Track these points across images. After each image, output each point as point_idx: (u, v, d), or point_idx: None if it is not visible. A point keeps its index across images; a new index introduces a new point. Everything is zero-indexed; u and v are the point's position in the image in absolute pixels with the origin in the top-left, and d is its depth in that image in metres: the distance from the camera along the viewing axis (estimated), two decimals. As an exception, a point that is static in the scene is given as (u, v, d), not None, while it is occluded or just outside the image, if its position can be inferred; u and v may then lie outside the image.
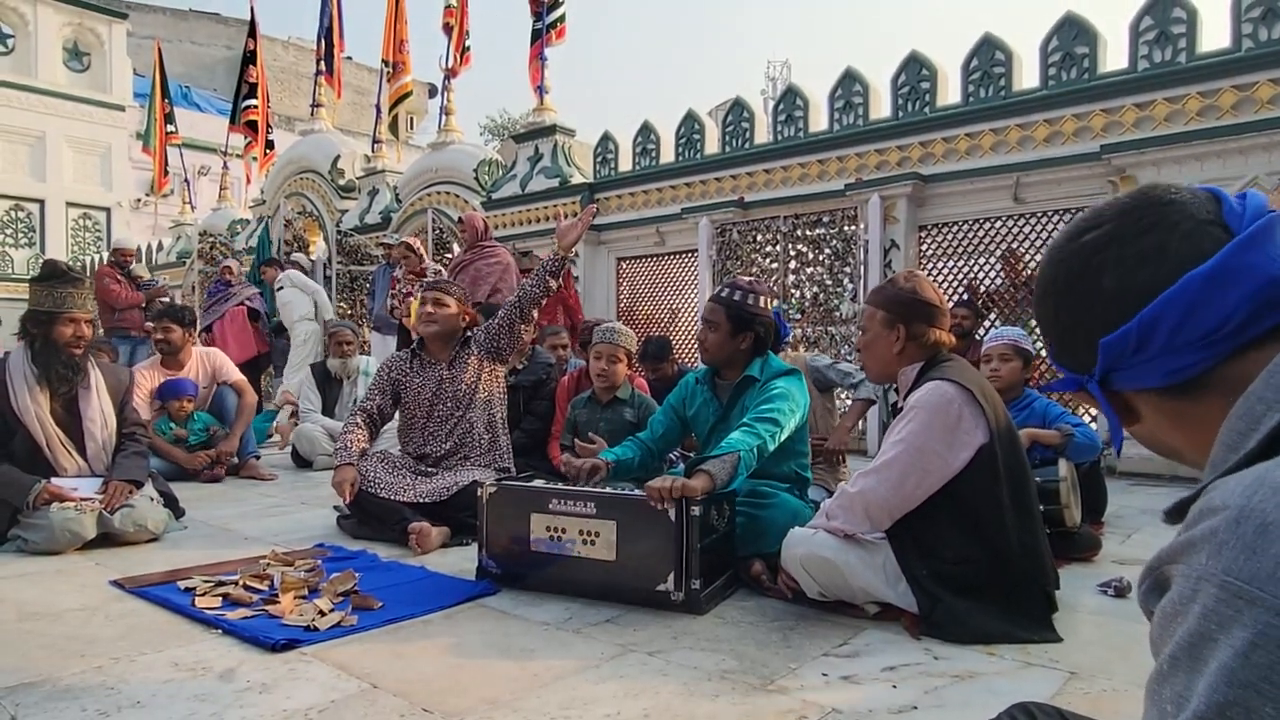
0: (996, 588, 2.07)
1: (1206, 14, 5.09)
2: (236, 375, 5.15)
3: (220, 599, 2.28)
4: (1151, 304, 0.64)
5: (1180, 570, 0.54)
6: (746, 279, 2.85)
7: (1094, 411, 5.37)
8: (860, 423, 3.76)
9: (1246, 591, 0.48)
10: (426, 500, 3.12)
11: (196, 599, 2.28)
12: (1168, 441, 0.71)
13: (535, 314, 3.52)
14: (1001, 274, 5.87)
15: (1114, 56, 5.44)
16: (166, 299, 8.63)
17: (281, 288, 7.93)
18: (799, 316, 6.61)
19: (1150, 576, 0.59)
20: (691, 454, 3.28)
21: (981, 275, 5.99)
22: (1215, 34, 5.03)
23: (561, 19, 8.62)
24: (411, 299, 6.66)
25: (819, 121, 6.83)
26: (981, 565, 2.07)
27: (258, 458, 4.98)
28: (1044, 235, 5.65)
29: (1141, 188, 0.71)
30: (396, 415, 3.58)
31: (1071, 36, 5.53)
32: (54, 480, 3.07)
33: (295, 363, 7.48)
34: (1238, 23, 4.86)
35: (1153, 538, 3.27)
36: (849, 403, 4.04)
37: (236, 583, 2.41)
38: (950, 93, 6.15)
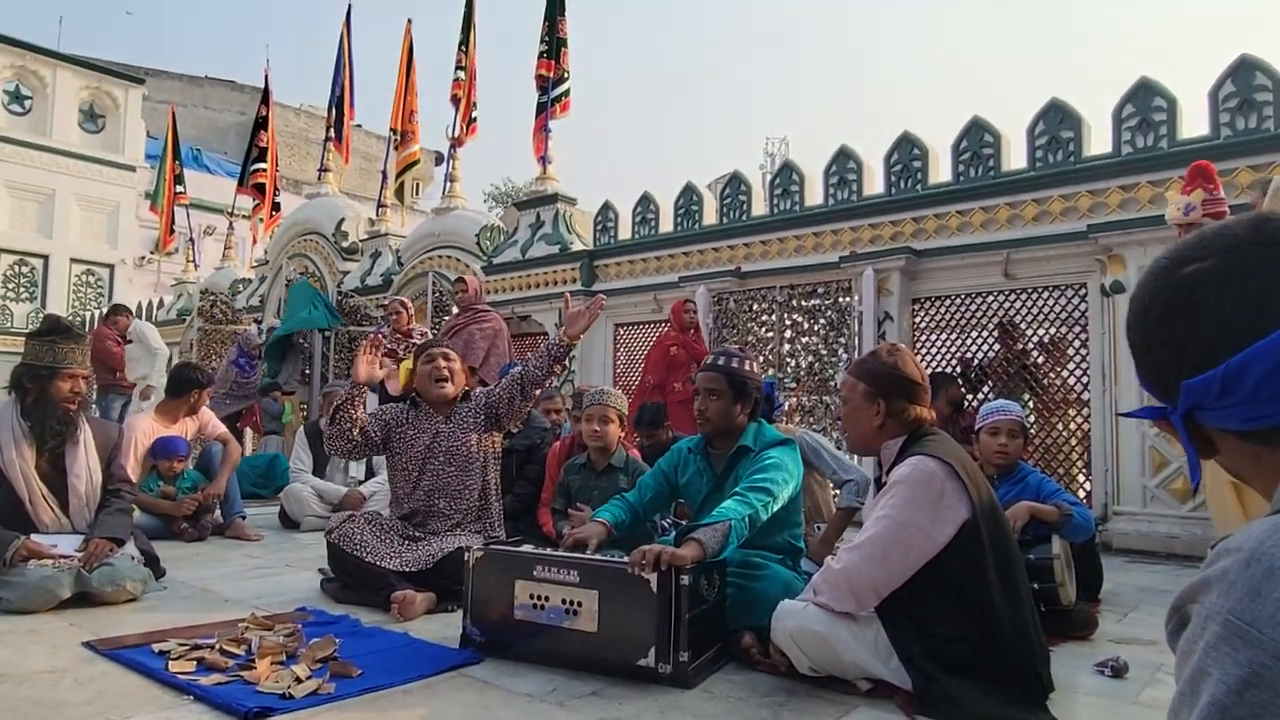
0: (989, 667, 2.03)
1: (1186, 103, 5.28)
2: (221, 429, 5.18)
3: (195, 663, 2.22)
4: (1242, 353, 0.63)
5: (1195, 609, 0.56)
6: (735, 346, 2.88)
7: (1088, 487, 5.34)
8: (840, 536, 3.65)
9: (1246, 632, 0.49)
10: (411, 569, 3.07)
11: (170, 663, 2.22)
12: (1245, 476, 0.70)
13: (536, 393, 3.51)
14: (997, 345, 5.90)
15: (1098, 140, 5.61)
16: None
17: (130, 341, 7.81)
18: (794, 385, 6.63)
19: (1175, 615, 0.61)
20: (683, 522, 3.25)
21: (975, 348, 6.03)
22: (1195, 122, 5.20)
23: (566, 93, 8.89)
24: (396, 356, 6.66)
25: (814, 196, 6.98)
26: (974, 644, 2.04)
27: (243, 517, 4.91)
28: (1035, 309, 5.72)
29: (1256, 217, 0.68)
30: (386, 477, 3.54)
31: (1057, 121, 5.71)
32: (33, 536, 3.02)
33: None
34: (1215, 112, 5.04)
35: (1150, 615, 3.21)
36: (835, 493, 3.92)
37: (213, 646, 2.34)
38: (941, 171, 6.31)
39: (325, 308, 9.51)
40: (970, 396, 5.68)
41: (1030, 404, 5.65)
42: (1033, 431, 5.49)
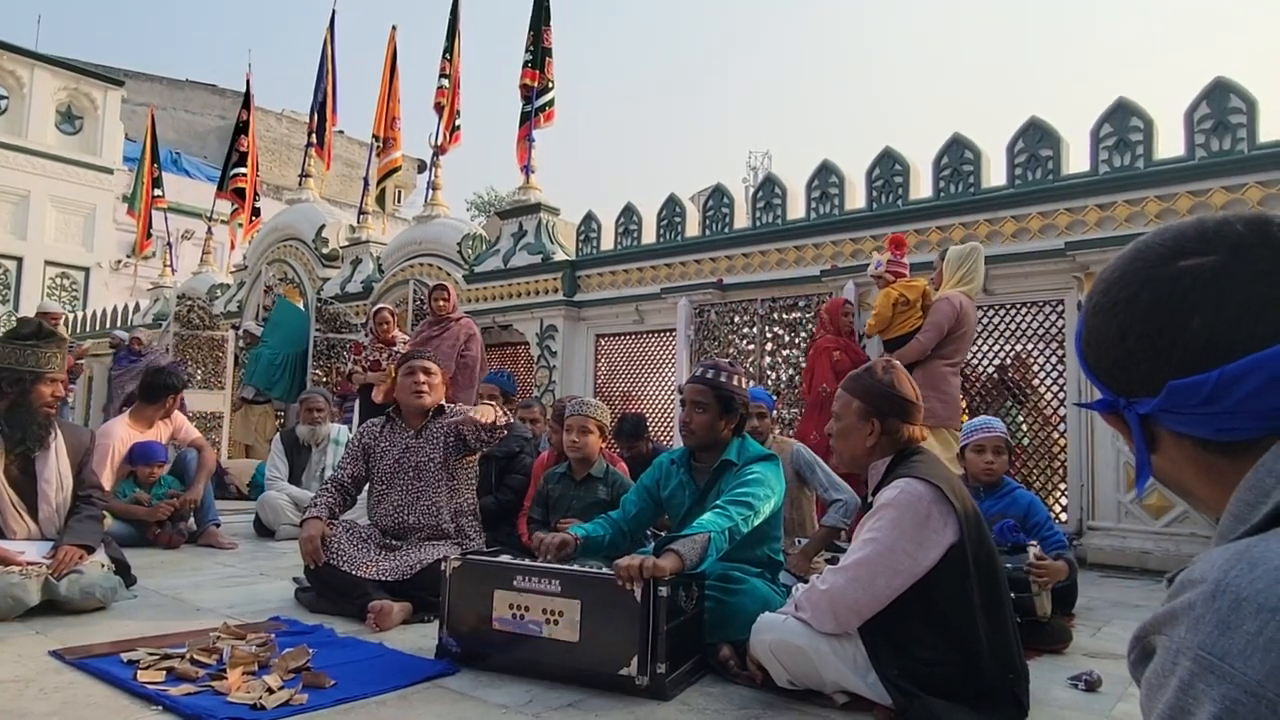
0: (968, 690, 2.03)
1: (1162, 123, 5.38)
2: (195, 434, 5.11)
3: (164, 673, 2.18)
4: (1239, 363, 0.60)
5: (1162, 641, 0.55)
6: (725, 360, 2.87)
7: (1064, 502, 5.40)
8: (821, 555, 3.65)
9: (1218, 667, 0.49)
10: (389, 579, 3.04)
11: (139, 673, 2.17)
12: (1187, 484, 0.68)
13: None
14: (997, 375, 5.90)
15: (1077, 159, 5.70)
16: (83, 361, 8.57)
17: None
18: (774, 398, 6.65)
19: (1138, 645, 0.59)
20: (664, 533, 3.24)
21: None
22: (1171, 142, 5.30)
23: (550, 103, 8.90)
24: (379, 364, 6.62)
25: (796, 209, 7.03)
26: (954, 667, 2.04)
27: (218, 525, 4.84)
28: (1012, 325, 5.78)
29: (1258, 217, 0.64)
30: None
31: (1036, 139, 5.79)
32: (1, 543, 2.96)
33: None
34: (1191, 133, 5.13)
35: (1124, 630, 3.24)
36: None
37: (183, 656, 2.30)
38: (922, 187, 6.38)
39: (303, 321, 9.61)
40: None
41: (1020, 418, 5.69)
42: (1026, 442, 5.55)
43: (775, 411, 6.56)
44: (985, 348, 5.89)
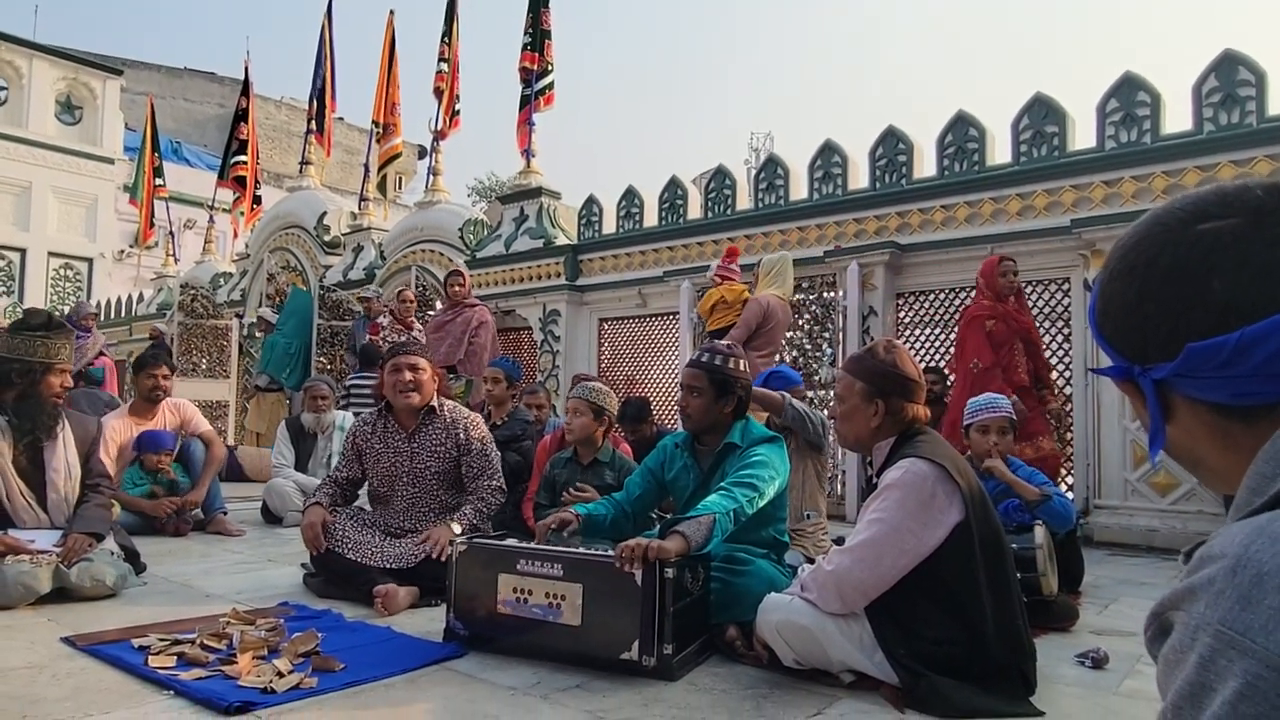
0: (976, 668, 2.04)
1: (1169, 98, 5.32)
2: (205, 426, 5.06)
3: (175, 658, 2.20)
4: (1259, 324, 0.59)
5: (1180, 617, 0.54)
6: (724, 344, 2.85)
7: (1070, 481, 5.39)
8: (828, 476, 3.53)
9: (1239, 642, 0.48)
10: (393, 566, 3.04)
11: (150, 658, 2.19)
12: (1200, 454, 0.67)
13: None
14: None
15: (1083, 135, 5.65)
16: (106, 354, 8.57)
17: None
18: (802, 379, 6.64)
19: (1155, 622, 0.58)
20: (668, 515, 3.24)
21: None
22: (1178, 117, 5.25)
23: (550, 86, 8.84)
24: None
25: (799, 190, 6.99)
26: (961, 646, 2.04)
27: (225, 513, 4.86)
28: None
29: (1279, 182, 0.64)
30: None
31: (1041, 116, 5.74)
32: (10, 532, 2.98)
33: None
34: (1199, 107, 5.08)
35: (1130, 608, 3.24)
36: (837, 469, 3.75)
37: (193, 641, 2.32)
38: (926, 166, 6.34)
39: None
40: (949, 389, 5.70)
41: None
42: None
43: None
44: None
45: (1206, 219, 0.64)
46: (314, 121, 11.86)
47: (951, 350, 6.05)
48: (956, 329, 5.15)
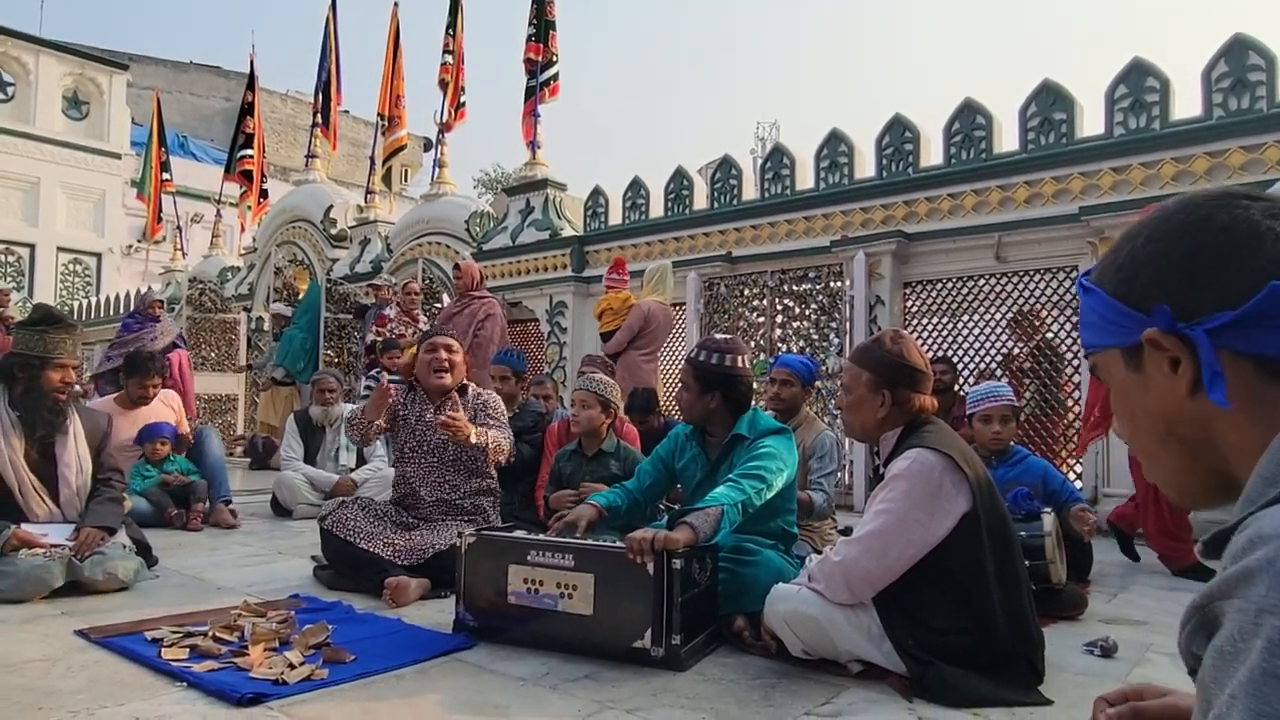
0: (984, 658, 2.04)
1: (1179, 83, 5.27)
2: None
3: (188, 650, 2.22)
4: None
5: (1236, 605, 0.51)
6: (722, 338, 2.85)
7: (1077, 469, 5.37)
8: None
9: None
10: (404, 561, 3.06)
11: (163, 650, 2.21)
12: (1216, 430, 0.66)
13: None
14: (1011, 340, 5.82)
15: (1091, 122, 5.61)
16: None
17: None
18: (817, 366, 6.62)
19: (1197, 615, 0.55)
20: (676, 506, 3.25)
21: (966, 334, 6.03)
22: (1188, 103, 5.21)
23: (555, 77, 8.82)
24: (404, 340, 6.67)
25: (805, 180, 6.97)
26: (969, 636, 2.04)
27: (228, 502, 4.87)
28: (1026, 293, 5.73)
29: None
30: (390, 472, 3.52)
31: (1049, 103, 5.70)
32: (24, 526, 3.00)
33: None
34: (1209, 92, 5.03)
35: (1139, 597, 3.24)
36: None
37: (206, 634, 2.34)
38: (933, 154, 6.30)
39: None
40: (957, 377, 5.68)
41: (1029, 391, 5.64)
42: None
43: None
44: (1000, 315, 5.85)
45: (1242, 201, 0.66)
46: (319, 115, 11.85)
47: (958, 340, 6.04)
48: None
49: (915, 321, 6.28)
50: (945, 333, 6.15)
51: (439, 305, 8.75)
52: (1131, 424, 0.73)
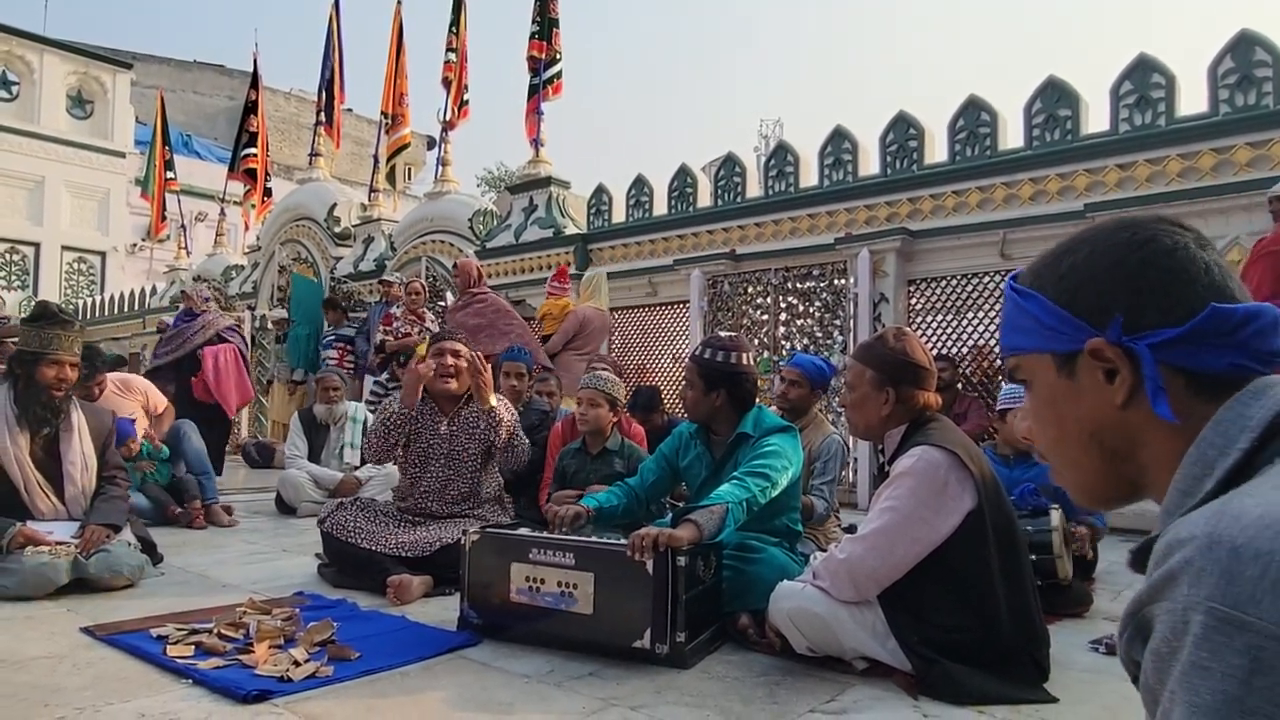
0: (989, 655, 2.04)
1: (1184, 79, 5.25)
2: (162, 402, 5.18)
3: (193, 648, 2.22)
4: (1259, 304, 0.66)
5: (1164, 607, 0.53)
6: (726, 335, 2.85)
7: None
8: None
9: (1234, 617, 0.48)
10: (407, 554, 3.06)
11: (168, 647, 2.22)
12: (1141, 439, 0.68)
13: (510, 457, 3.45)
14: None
15: (1096, 119, 5.58)
16: (15, 339, 8.30)
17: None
18: (834, 367, 6.60)
19: (1131, 622, 0.58)
20: (680, 503, 3.24)
21: (972, 331, 6.01)
22: (1193, 99, 5.18)
23: (558, 75, 8.81)
24: (411, 339, 6.66)
25: (809, 177, 6.95)
26: (974, 633, 2.04)
27: (216, 502, 4.86)
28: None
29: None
30: (395, 469, 3.51)
31: (1054, 99, 5.68)
32: (29, 523, 3.01)
33: None
34: (1214, 88, 5.01)
35: (1145, 595, 3.23)
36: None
37: (211, 631, 2.35)
38: (937, 151, 6.28)
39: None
40: (959, 374, 5.68)
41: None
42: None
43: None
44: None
45: (1178, 228, 0.70)
46: (323, 113, 11.85)
47: (963, 337, 6.03)
48: (1245, 268, 4.38)
49: (920, 319, 6.26)
50: (950, 330, 6.13)
51: (443, 304, 8.75)
52: (1057, 428, 0.74)
